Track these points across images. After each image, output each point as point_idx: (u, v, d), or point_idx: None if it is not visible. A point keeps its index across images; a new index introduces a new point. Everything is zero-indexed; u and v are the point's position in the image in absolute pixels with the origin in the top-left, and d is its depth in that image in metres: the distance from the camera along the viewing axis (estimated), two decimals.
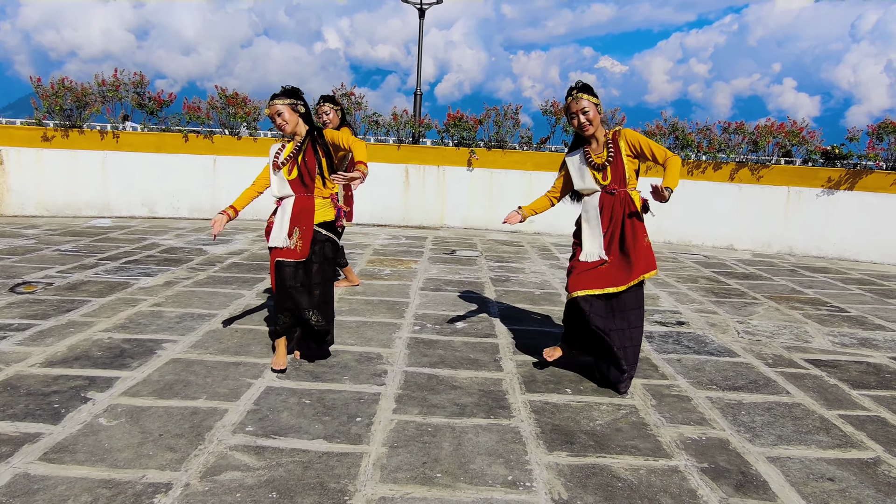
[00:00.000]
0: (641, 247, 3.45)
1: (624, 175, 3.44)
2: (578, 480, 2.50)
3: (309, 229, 3.49)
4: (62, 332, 4.01)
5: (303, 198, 3.53)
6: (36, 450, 2.53)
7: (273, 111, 3.46)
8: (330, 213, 3.59)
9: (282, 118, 3.46)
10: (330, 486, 2.37)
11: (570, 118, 3.51)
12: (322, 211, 3.55)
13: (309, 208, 3.51)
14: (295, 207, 3.50)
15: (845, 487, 2.56)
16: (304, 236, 3.47)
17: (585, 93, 3.43)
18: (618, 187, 3.47)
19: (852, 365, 4.14)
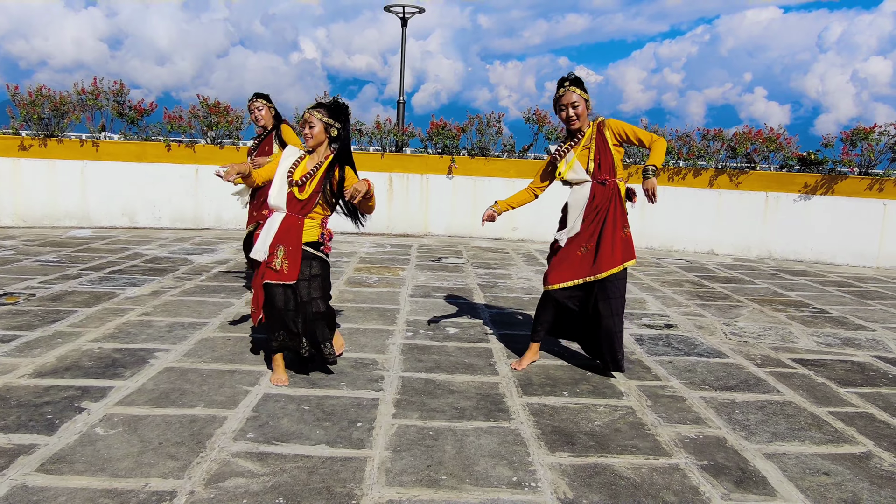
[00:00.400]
0: (620, 238, 3.56)
1: (612, 165, 3.54)
2: (582, 480, 2.53)
3: (296, 249, 3.32)
4: (49, 342, 3.94)
5: (292, 217, 3.35)
6: (32, 461, 2.48)
7: (309, 119, 3.36)
8: (315, 234, 3.41)
9: (311, 131, 3.35)
10: (336, 490, 2.37)
11: (558, 110, 3.59)
12: (308, 231, 3.38)
13: (297, 227, 3.34)
14: (282, 225, 3.33)
15: (841, 481, 2.61)
16: (289, 256, 3.31)
17: (577, 86, 3.52)
18: (608, 177, 3.54)
19: (838, 364, 4.24)
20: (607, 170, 3.56)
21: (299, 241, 3.34)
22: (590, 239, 3.61)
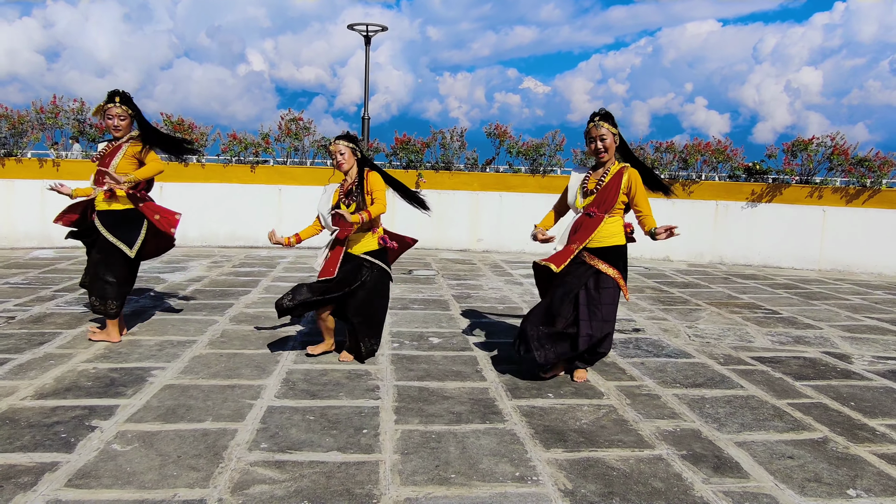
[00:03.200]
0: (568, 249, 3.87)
1: (611, 204, 3.78)
2: (578, 472, 2.77)
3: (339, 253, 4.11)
4: (43, 364, 3.98)
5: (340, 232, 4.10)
6: (59, 477, 2.58)
7: (336, 149, 4.09)
8: (373, 243, 4.16)
9: (343, 157, 4.09)
10: (356, 491, 2.55)
11: (588, 141, 3.84)
12: (363, 242, 4.15)
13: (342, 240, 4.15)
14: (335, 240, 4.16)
15: (804, 463, 2.93)
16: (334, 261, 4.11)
17: (606, 121, 3.76)
18: (597, 211, 3.80)
19: (792, 360, 4.62)
20: (601, 205, 3.83)
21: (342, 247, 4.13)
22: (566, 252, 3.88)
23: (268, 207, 9.97)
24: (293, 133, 10.08)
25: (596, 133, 3.81)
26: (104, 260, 4.38)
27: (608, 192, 3.83)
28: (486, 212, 10.32)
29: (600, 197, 3.85)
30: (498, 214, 10.29)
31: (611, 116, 3.84)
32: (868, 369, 4.45)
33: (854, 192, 9.38)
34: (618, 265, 3.95)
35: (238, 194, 9.95)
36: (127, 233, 4.36)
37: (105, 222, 4.34)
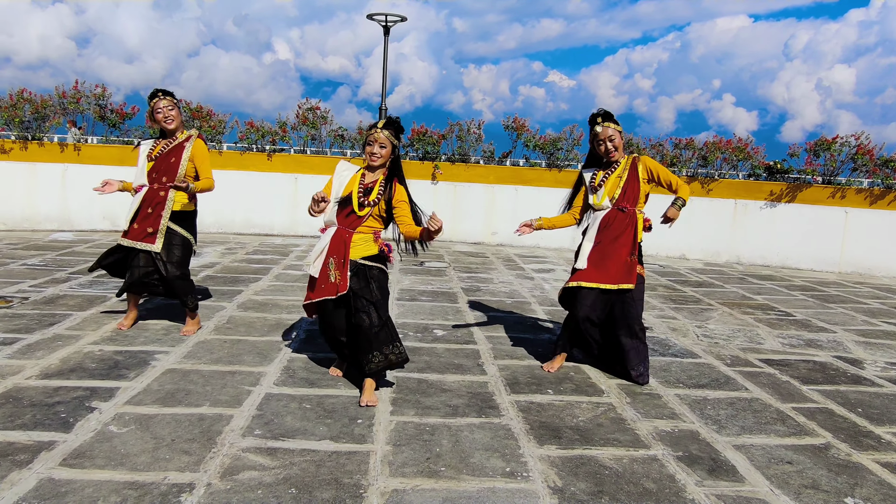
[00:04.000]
0: (625, 262, 3.80)
1: (637, 196, 3.82)
2: (570, 470, 2.75)
3: (346, 260, 3.45)
4: (50, 345, 4.04)
5: (342, 231, 3.50)
6: (54, 456, 2.62)
7: (378, 139, 3.45)
8: (373, 248, 3.54)
9: (383, 151, 3.47)
10: (344, 481, 2.55)
11: (597, 145, 3.85)
12: (363, 246, 3.51)
13: (347, 240, 3.47)
14: (334, 239, 3.50)
15: (802, 469, 2.88)
16: (340, 267, 3.45)
17: (610, 121, 3.79)
18: (629, 206, 3.80)
19: (801, 363, 4.54)
20: (631, 200, 3.87)
21: (348, 253, 3.45)
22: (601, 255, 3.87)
23: (284, 196, 10.02)
24: (310, 122, 10.11)
25: (605, 135, 3.83)
26: (179, 261, 4.35)
27: (632, 184, 3.86)
28: (502, 205, 10.27)
29: (629, 192, 3.85)
30: (513, 208, 10.23)
31: (612, 115, 3.87)
32: (880, 375, 4.35)
33: (879, 194, 9.17)
34: (641, 261, 3.98)
35: (254, 182, 10.02)
36: (190, 227, 4.46)
37: (177, 220, 4.36)
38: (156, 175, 4.30)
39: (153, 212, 4.28)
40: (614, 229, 3.86)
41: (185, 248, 4.39)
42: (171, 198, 4.29)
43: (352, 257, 3.46)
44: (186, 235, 4.40)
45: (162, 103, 4.25)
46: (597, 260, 3.88)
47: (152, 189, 4.30)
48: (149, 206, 4.29)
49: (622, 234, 3.84)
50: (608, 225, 3.88)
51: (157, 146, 4.35)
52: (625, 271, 3.83)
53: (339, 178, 3.59)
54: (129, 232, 4.31)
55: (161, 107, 4.25)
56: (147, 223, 4.27)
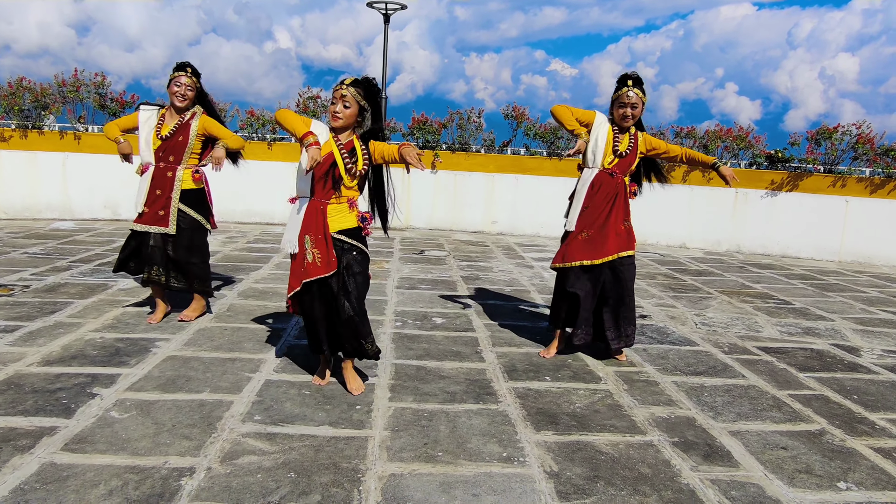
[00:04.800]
0: (622, 229, 3.83)
1: (628, 167, 3.89)
2: (566, 455, 2.78)
3: (326, 236, 3.15)
4: (52, 332, 4.07)
5: (316, 202, 3.17)
6: (56, 441, 2.65)
7: (342, 95, 3.07)
8: (350, 219, 3.21)
9: (346, 111, 3.08)
10: (342, 465, 2.58)
11: (618, 105, 3.79)
12: (340, 217, 3.18)
13: (323, 211, 3.16)
14: (308, 211, 3.18)
15: (797, 454, 2.90)
16: (320, 245, 3.15)
17: (639, 87, 3.75)
18: (619, 172, 3.84)
19: (798, 351, 4.56)
20: (624, 168, 3.90)
21: (327, 227, 3.15)
22: (591, 226, 3.89)
23: (285, 184, 9.99)
24: (311, 111, 10.08)
25: (630, 100, 3.77)
26: (189, 244, 4.33)
27: (632, 157, 3.93)
28: (502, 194, 10.26)
29: (625, 164, 3.92)
30: (513, 197, 10.23)
31: (642, 82, 3.83)
32: (876, 363, 4.37)
33: (879, 183, 9.16)
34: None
35: (255, 171, 9.98)
36: (204, 210, 4.43)
37: (188, 202, 4.31)
38: (162, 154, 4.26)
39: (162, 193, 4.26)
40: (603, 193, 3.87)
41: (194, 230, 4.35)
42: (178, 177, 4.27)
43: (331, 231, 3.16)
44: (196, 217, 4.34)
45: (183, 79, 4.19)
46: (592, 233, 3.88)
47: (159, 168, 4.27)
48: (157, 187, 4.27)
49: (613, 199, 3.86)
50: (597, 188, 3.87)
51: (166, 125, 4.27)
52: (623, 240, 3.90)
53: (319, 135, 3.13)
54: (143, 216, 4.30)
55: (181, 82, 4.19)
56: (158, 205, 4.26)
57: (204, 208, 4.45)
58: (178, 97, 4.20)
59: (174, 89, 4.20)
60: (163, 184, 4.27)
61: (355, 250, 3.22)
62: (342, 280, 3.19)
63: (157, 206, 4.27)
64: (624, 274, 3.95)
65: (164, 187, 4.27)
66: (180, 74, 4.21)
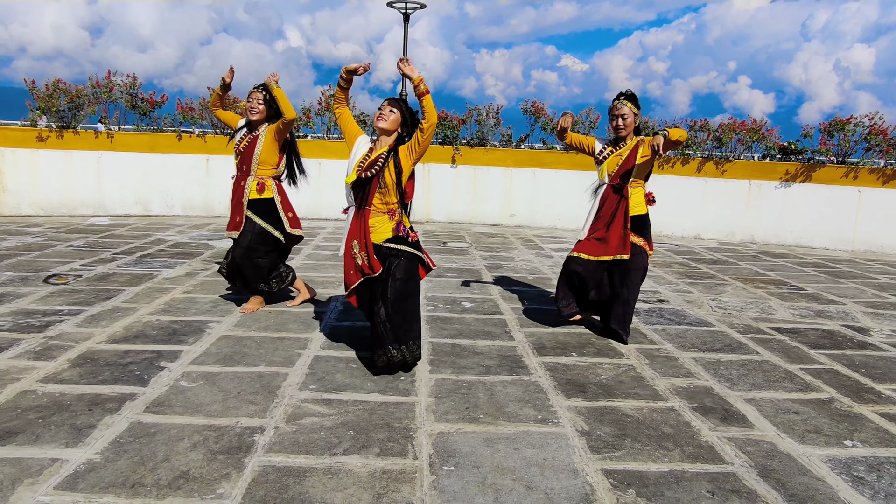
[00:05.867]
0: (621, 234, 4.17)
1: (630, 172, 4.15)
2: (595, 417, 3.05)
3: (369, 242, 3.43)
4: (111, 316, 4.40)
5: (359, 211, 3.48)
6: (138, 405, 2.97)
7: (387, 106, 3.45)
8: (388, 229, 3.48)
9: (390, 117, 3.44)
10: (395, 425, 2.87)
11: (611, 118, 4.20)
12: (380, 228, 3.47)
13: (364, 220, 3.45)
14: (353, 220, 3.49)
15: (807, 418, 3.16)
16: (364, 249, 3.43)
17: (630, 101, 4.15)
18: (620, 181, 4.17)
19: (810, 331, 4.80)
20: (625, 178, 4.21)
21: (369, 235, 3.43)
22: (597, 231, 4.30)
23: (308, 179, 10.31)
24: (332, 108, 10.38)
25: (619, 112, 4.16)
26: (257, 247, 4.55)
27: (628, 164, 4.20)
28: (520, 188, 10.52)
29: (623, 167, 4.18)
30: (531, 190, 10.49)
31: (635, 97, 4.18)
32: (885, 341, 4.60)
33: (891, 173, 9.32)
34: (643, 233, 4.25)
35: None
36: (276, 220, 4.61)
37: (256, 211, 4.55)
38: (240, 164, 4.58)
39: (235, 200, 4.58)
40: (610, 205, 4.25)
41: (257, 235, 4.53)
42: (248, 185, 4.55)
43: (374, 241, 3.43)
44: (262, 225, 4.54)
45: (255, 95, 4.52)
46: (600, 236, 4.26)
47: (236, 178, 4.60)
48: (234, 195, 4.59)
49: (616, 210, 4.22)
50: (605, 201, 4.27)
51: (244, 139, 4.57)
52: (620, 243, 4.20)
53: (355, 153, 3.53)
54: (229, 224, 4.63)
55: (251, 97, 4.53)
56: (236, 212, 4.58)
57: (274, 218, 4.61)
58: (251, 111, 4.53)
59: (247, 104, 4.54)
60: (238, 193, 4.58)
61: (402, 255, 3.44)
62: (384, 285, 3.41)
63: (236, 213, 4.58)
64: (620, 274, 4.23)
65: (239, 196, 4.58)
66: (253, 91, 4.55)
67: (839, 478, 2.58)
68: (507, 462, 2.59)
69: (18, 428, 2.69)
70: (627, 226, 4.22)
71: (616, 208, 4.21)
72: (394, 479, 2.42)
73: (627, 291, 4.23)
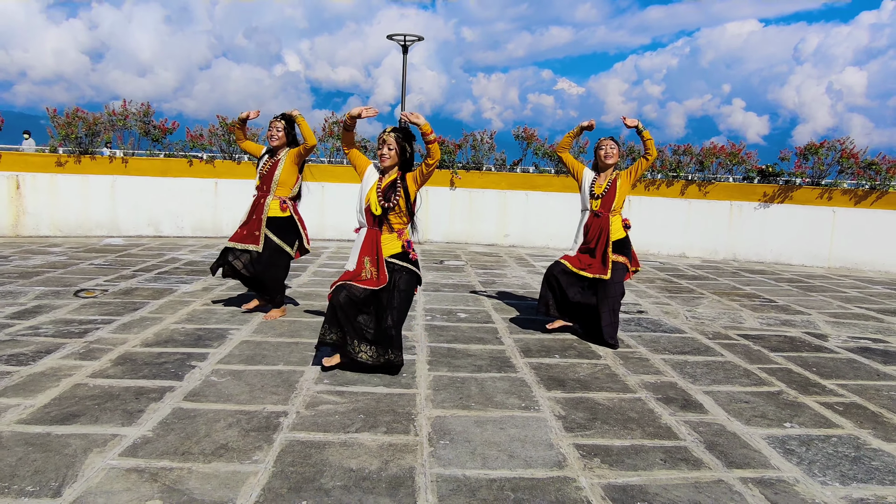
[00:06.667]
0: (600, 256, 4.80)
1: (611, 203, 4.79)
2: (571, 406, 3.53)
3: (380, 258, 3.79)
4: (141, 324, 4.88)
5: (372, 232, 3.84)
6: (177, 395, 3.44)
7: (386, 140, 3.81)
8: (397, 246, 3.87)
9: (390, 152, 3.81)
10: (399, 410, 3.35)
11: (597, 149, 4.88)
12: (390, 245, 3.85)
13: (376, 239, 3.83)
14: (366, 240, 3.85)
15: (755, 406, 3.65)
16: (375, 264, 3.80)
17: (613, 140, 4.87)
18: (604, 212, 4.76)
19: (773, 337, 5.29)
20: (607, 207, 4.84)
21: (381, 252, 3.81)
22: (586, 250, 4.88)
23: (313, 202, 10.83)
24: (336, 134, 10.97)
25: (605, 146, 4.94)
26: (272, 261, 5.06)
27: (611, 196, 4.83)
28: (514, 209, 11.06)
29: (606, 200, 4.79)
30: (524, 212, 11.03)
31: (615, 139, 4.95)
32: (840, 346, 5.10)
33: (862, 194, 9.89)
34: (624, 252, 4.81)
35: None
36: (290, 237, 5.14)
37: (272, 228, 5.08)
38: (261, 185, 5.13)
39: (255, 217, 5.09)
40: (594, 230, 4.86)
41: (275, 253, 5.06)
42: (267, 204, 5.08)
43: (384, 255, 3.82)
44: (279, 243, 5.06)
45: (276, 123, 5.10)
46: (584, 255, 4.88)
47: (256, 198, 5.13)
48: (254, 212, 5.10)
49: (599, 235, 4.82)
50: (589, 227, 4.88)
51: (267, 163, 5.13)
52: (601, 265, 4.78)
53: (365, 183, 3.94)
54: (235, 235, 5.14)
55: (272, 125, 5.13)
56: (252, 227, 5.08)
57: (289, 235, 5.14)
58: (272, 138, 5.13)
59: (268, 132, 5.10)
60: (258, 210, 5.10)
61: (405, 271, 3.87)
62: (391, 295, 3.82)
63: (252, 228, 5.09)
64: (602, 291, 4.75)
65: (258, 213, 5.09)
66: (274, 121, 5.13)
67: (773, 450, 3.06)
68: (494, 438, 3.06)
69: (79, 412, 3.17)
70: (608, 249, 4.77)
71: (599, 235, 4.80)
72: (398, 450, 2.90)
73: (610, 304, 4.74)
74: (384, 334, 3.83)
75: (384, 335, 3.83)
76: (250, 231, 5.11)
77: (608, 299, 4.76)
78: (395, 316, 3.84)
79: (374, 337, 3.83)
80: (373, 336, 3.83)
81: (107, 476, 2.55)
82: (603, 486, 2.65)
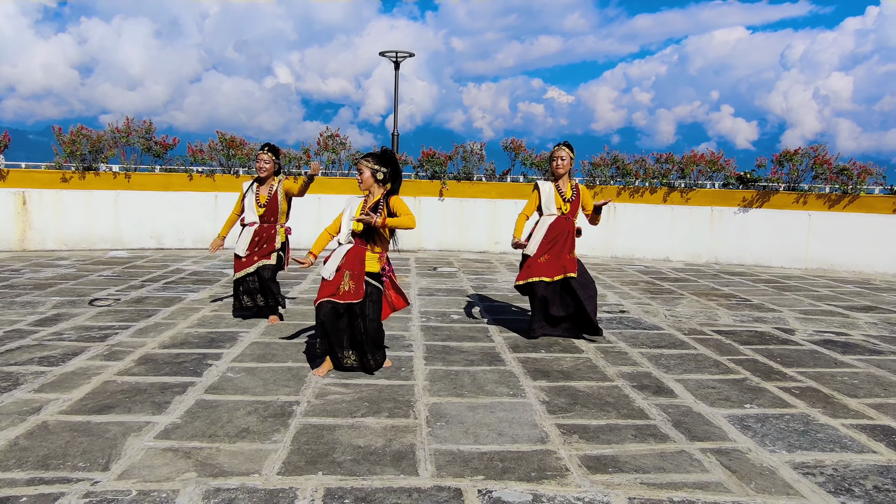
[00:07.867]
0: (567, 257, 5.16)
1: (577, 208, 5.12)
2: (554, 392, 3.92)
3: (361, 273, 4.06)
4: (157, 329, 5.24)
5: (357, 248, 4.11)
6: (198, 389, 3.81)
7: (359, 167, 4.16)
8: (376, 265, 4.14)
9: (361, 176, 4.13)
10: (399, 399, 3.73)
11: (551, 160, 5.19)
12: (370, 262, 4.11)
13: (360, 256, 4.09)
14: (349, 254, 4.11)
15: (721, 390, 4.05)
16: (355, 279, 4.06)
17: (567, 147, 5.17)
18: (571, 215, 5.10)
19: (744, 332, 5.70)
20: (574, 213, 5.25)
21: (363, 267, 4.08)
22: (549, 252, 5.17)
23: (309, 214, 11.24)
24: (331, 148, 11.38)
25: (558, 154, 5.21)
26: (272, 276, 5.52)
27: (577, 202, 5.25)
28: (503, 218, 11.46)
29: (574, 206, 5.15)
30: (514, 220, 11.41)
31: (570, 145, 5.23)
32: (805, 339, 5.51)
33: (836, 198, 10.36)
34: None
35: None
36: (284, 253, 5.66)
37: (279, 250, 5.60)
38: (265, 214, 5.53)
39: (263, 241, 5.50)
40: (558, 230, 5.15)
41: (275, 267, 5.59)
42: (277, 231, 5.56)
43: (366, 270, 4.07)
44: (281, 255, 5.65)
45: (262, 156, 5.54)
46: (550, 258, 5.14)
47: (262, 226, 5.53)
48: (259, 238, 5.50)
49: (567, 236, 5.17)
50: (555, 227, 5.17)
51: (262, 194, 5.53)
52: (570, 264, 5.14)
53: (349, 207, 4.23)
54: (240, 264, 5.52)
55: (260, 158, 5.55)
56: (260, 251, 5.50)
57: (283, 252, 5.69)
58: (259, 169, 5.55)
59: (257, 164, 5.51)
60: (265, 236, 5.53)
61: (374, 287, 4.14)
62: (363, 305, 4.09)
63: (260, 252, 5.50)
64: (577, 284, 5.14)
65: (267, 238, 5.53)
66: (262, 153, 5.56)
67: (732, 426, 3.46)
68: (485, 420, 3.45)
69: (113, 404, 3.53)
70: (573, 250, 5.18)
71: (567, 234, 5.15)
72: (400, 430, 3.28)
73: (589, 291, 5.14)
74: (359, 340, 4.14)
75: (359, 341, 4.14)
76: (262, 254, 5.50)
77: (585, 288, 5.14)
78: (366, 324, 4.11)
79: (353, 343, 4.18)
80: (352, 342, 4.18)
81: (146, 454, 2.92)
82: (580, 456, 3.03)
